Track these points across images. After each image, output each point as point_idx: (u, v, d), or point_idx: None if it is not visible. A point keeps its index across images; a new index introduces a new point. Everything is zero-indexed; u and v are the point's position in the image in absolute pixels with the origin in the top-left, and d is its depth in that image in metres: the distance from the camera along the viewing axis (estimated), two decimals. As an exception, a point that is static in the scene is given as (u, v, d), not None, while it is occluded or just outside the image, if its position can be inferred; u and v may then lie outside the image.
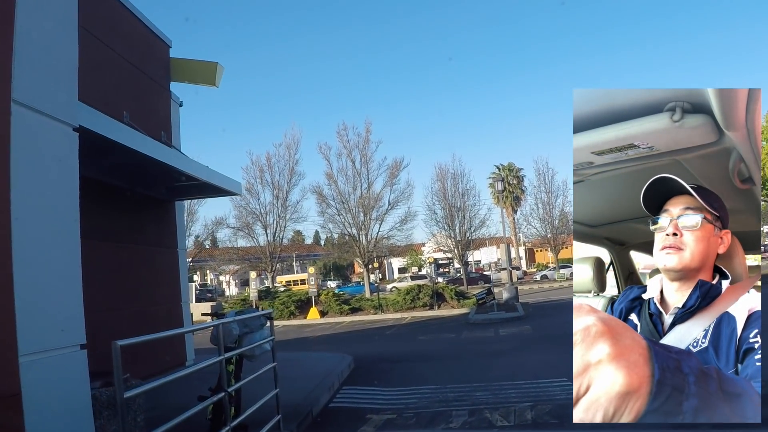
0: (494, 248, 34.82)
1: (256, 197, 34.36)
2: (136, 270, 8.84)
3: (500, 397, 7.06)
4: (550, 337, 12.32)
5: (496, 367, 9.56)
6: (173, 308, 9.96)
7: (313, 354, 12.03)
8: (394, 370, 9.67)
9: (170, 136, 10.35)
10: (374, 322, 21.25)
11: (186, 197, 11.02)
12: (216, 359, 3.89)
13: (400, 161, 32.50)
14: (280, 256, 38.19)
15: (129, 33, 9.40)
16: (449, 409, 6.66)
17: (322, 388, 7.46)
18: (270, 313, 5.29)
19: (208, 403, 3.80)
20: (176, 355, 9.29)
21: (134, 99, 9.27)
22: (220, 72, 10.72)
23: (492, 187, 46.60)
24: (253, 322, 4.90)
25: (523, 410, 6.34)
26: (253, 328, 4.91)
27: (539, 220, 43.45)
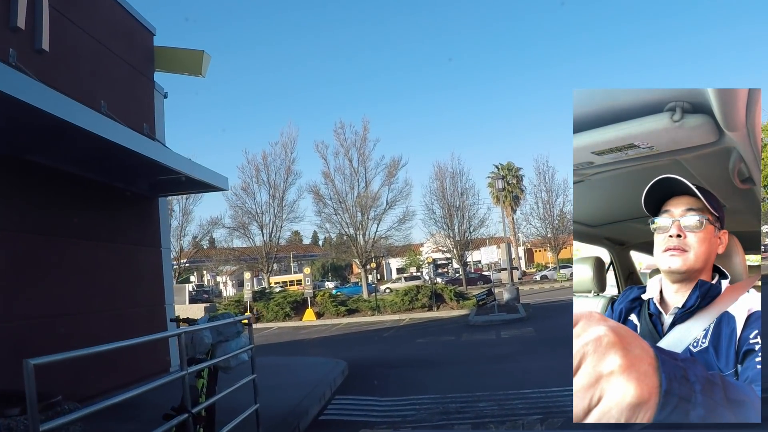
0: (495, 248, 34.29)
1: (252, 197, 33.83)
2: (115, 270, 8.26)
3: (506, 408, 6.48)
4: (554, 340, 11.73)
5: (499, 373, 8.99)
6: (156, 310, 9.37)
7: (305, 359, 11.43)
8: (391, 377, 9.07)
9: (153, 128, 9.76)
10: (371, 324, 20.69)
11: (169, 193, 10.43)
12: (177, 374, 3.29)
13: (398, 160, 32.12)
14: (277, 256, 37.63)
15: (108, 18, 8.83)
16: (451, 422, 6.08)
17: (312, 398, 6.86)
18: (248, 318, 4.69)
19: (168, 426, 3.20)
20: (159, 361, 8.70)
21: (113, 88, 8.69)
22: (206, 61, 10.13)
23: (491, 186, 46.09)
24: (227, 330, 4.31)
25: (532, 424, 5.78)
26: (228, 336, 4.31)
27: (539, 220, 43.02)
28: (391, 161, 31.95)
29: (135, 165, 7.59)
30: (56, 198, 7.09)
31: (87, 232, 7.63)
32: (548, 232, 42.69)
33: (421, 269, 52.52)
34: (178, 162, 7.88)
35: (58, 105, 5.40)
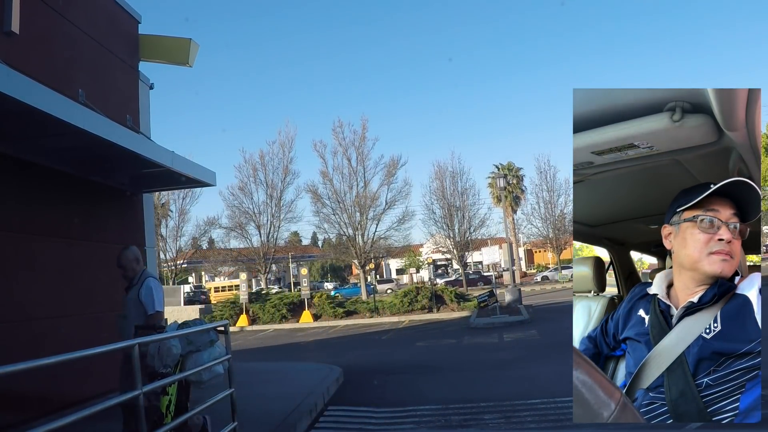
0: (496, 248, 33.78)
1: (249, 196, 33.22)
2: (92, 270, 7.72)
3: (513, 421, 5.94)
4: (560, 344, 11.14)
5: (504, 380, 8.44)
6: (140, 314, 8.83)
7: (298, 365, 10.86)
8: (389, 385, 8.51)
9: (137, 120, 9.22)
10: (370, 326, 20.13)
11: (154, 189, 9.88)
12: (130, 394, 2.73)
13: (398, 159, 31.56)
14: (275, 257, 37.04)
15: (88, 3, 8.30)
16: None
17: (301, 410, 6.28)
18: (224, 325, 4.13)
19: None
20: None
21: (93, 77, 8.15)
22: (194, 49, 9.59)
23: (492, 186, 45.54)
24: (199, 338, 3.76)
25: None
26: (200, 345, 3.76)
27: (541, 220, 42.48)
28: (390, 160, 31.40)
29: (113, 157, 7.07)
30: (24, 192, 6.56)
31: (60, 229, 7.10)
32: (550, 232, 42.14)
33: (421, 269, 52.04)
34: (160, 155, 7.35)
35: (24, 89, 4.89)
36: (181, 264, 40.38)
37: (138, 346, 2.87)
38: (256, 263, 34.74)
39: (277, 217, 33.39)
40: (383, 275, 60.32)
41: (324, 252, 55.30)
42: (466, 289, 32.84)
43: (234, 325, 22.28)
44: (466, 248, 38.39)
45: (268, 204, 33.14)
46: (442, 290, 23.87)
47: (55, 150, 6.60)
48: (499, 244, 38.50)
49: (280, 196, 33.06)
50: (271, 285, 45.80)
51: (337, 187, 31.00)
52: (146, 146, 7.28)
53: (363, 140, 31.01)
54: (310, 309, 23.42)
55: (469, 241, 38.07)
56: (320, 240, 65.62)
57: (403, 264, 62.39)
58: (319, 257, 58.82)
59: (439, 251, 43.07)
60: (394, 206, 31.59)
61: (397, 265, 64.04)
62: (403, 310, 22.45)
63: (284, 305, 23.86)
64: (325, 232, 35.63)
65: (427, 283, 28.04)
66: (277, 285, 55.12)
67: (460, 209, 37.58)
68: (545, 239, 43.71)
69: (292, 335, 19.40)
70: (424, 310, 22.31)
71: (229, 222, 34.49)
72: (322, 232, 37.82)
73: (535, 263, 61.33)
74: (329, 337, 17.95)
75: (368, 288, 31.58)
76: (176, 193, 35.26)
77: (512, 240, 36.60)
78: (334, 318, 22.99)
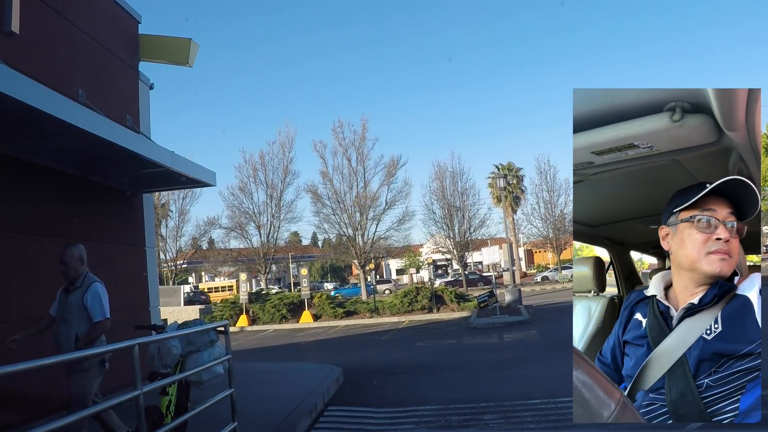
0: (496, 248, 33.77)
1: (249, 197, 33.22)
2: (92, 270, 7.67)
3: (513, 421, 5.94)
4: (560, 344, 11.16)
5: (504, 381, 8.44)
6: (139, 314, 8.81)
7: (298, 365, 10.86)
8: (389, 385, 8.51)
9: (137, 120, 9.22)
10: (370, 327, 20.14)
11: (154, 189, 9.87)
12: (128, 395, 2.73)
13: (398, 159, 31.56)
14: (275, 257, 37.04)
15: (88, 3, 8.31)
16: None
17: (301, 411, 6.28)
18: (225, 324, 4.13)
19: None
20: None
21: (93, 77, 8.15)
22: (194, 49, 9.59)
23: (492, 187, 45.53)
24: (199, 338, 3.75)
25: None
26: (200, 345, 3.76)
27: (541, 220, 42.45)
28: (390, 160, 31.41)
29: (113, 157, 7.07)
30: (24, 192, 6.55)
31: (59, 229, 7.09)
32: (550, 232, 42.12)
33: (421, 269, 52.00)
34: (160, 155, 7.35)
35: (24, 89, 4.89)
36: (181, 264, 40.38)
37: (138, 346, 2.87)
38: (256, 263, 34.74)
39: (277, 217, 33.41)
40: (383, 275, 60.29)
41: (324, 252, 55.32)
42: (466, 290, 32.83)
43: (234, 326, 22.28)
44: (466, 248, 38.37)
45: (268, 204, 33.17)
46: (442, 290, 23.87)
47: (55, 150, 6.60)
48: (499, 245, 38.46)
49: (280, 196, 33.10)
50: (271, 285, 45.79)
51: (337, 187, 31.03)
52: (146, 146, 7.28)
53: (363, 140, 31.05)
54: (310, 309, 23.42)
55: (469, 241, 38.04)
56: (320, 240, 65.68)
57: (403, 264, 62.38)
58: (319, 257, 58.79)
59: (439, 251, 43.04)
60: (394, 206, 31.63)
61: (397, 266, 64.01)
62: (403, 310, 22.45)
63: (284, 305, 23.86)
64: (325, 232, 35.69)
65: (427, 284, 28.04)
66: (277, 285, 55.11)
67: (460, 209, 37.58)
68: (545, 239, 43.68)
69: (292, 335, 19.41)
70: (424, 310, 22.32)
71: (229, 222, 34.52)
72: (322, 232, 37.85)
73: (535, 263, 61.30)
74: (329, 338, 17.95)
75: (368, 288, 31.57)
76: (176, 194, 35.28)
77: (512, 240, 36.64)
78: (334, 318, 22.99)
